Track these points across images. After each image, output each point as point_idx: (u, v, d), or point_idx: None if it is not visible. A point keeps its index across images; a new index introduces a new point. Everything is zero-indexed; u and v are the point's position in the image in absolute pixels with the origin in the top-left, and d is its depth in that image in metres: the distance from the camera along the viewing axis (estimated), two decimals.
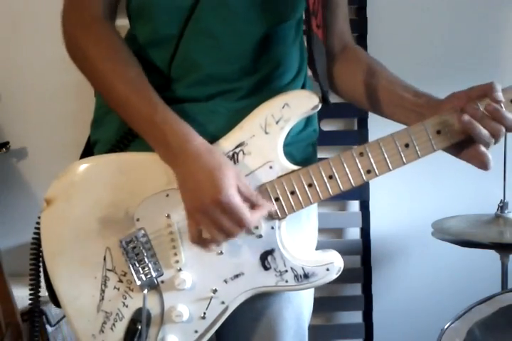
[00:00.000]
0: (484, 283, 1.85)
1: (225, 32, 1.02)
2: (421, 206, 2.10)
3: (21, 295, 1.79)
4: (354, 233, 2.13)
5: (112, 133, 1.07)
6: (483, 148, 0.96)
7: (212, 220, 0.92)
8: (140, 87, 0.98)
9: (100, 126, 1.12)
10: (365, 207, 2.08)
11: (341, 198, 2.10)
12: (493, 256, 1.78)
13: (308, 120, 1.12)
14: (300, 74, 1.11)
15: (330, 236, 2.13)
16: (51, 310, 1.72)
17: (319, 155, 1.95)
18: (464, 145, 0.98)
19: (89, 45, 1.00)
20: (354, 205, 2.11)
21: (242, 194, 0.93)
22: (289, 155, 1.02)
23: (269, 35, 1.05)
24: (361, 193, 2.06)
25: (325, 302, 2.12)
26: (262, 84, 1.05)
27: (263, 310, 1.09)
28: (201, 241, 0.96)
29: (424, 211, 2.03)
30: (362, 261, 2.09)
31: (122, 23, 1.10)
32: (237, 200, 0.92)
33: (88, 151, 1.14)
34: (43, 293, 1.97)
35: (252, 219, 0.93)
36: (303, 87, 1.10)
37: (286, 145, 1.03)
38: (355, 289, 2.11)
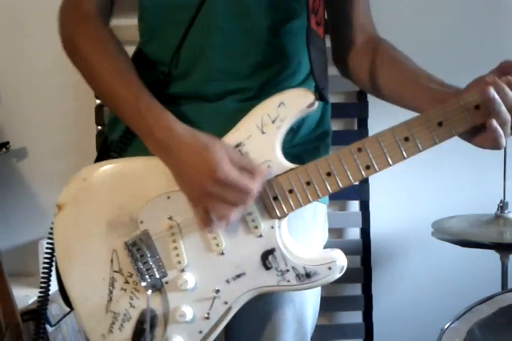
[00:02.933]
0: (484, 283, 1.84)
1: (234, 28, 1.03)
2: (421, 206, 2.10)
3: (21, 295, 1.80)
4: (354, 233, 2.13)
5: (121, 134, 1.09)
6: (495, 124, 0.91)
7: (219, 198, 0.94)
8: (127, 79, 1.00)
9: (113, 126, 1.13)
10: (365, 207, 2.08)
11: (341, 198, 2.11)
12: (493, 256, 1.78)
13: (319, 121, 1.12)
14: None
15: (330, 236, 2.10)
16: (51, 310, 1.72)
17: None
18: (475, 131, 0.95)
19: (79, 40, 1.04)
20: (354, 205, 2.11)
21: (236, 164, 0.94)
22: (297, 156, 1.03)
23: (279, 32, 1.05)
24: (361, 193, 2.06)
25: (325, 302, 2.10)
26: (272, 84, 1.05)
27: (264, 308, 1.09)
28: (213, 224, 0.96)
29: (424, 211, 2.04)
30: (362, 261, 2.09)
31: (121, 23, 1.11)
32: (233, 171, 0.93)
33: (104, 151, 1.15)
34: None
35: (254, 185, 0.94)
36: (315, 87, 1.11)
37: (294, 146, 1.04)
38: (355, 289, 2.11)
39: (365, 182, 2.05)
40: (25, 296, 1.83)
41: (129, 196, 1.02)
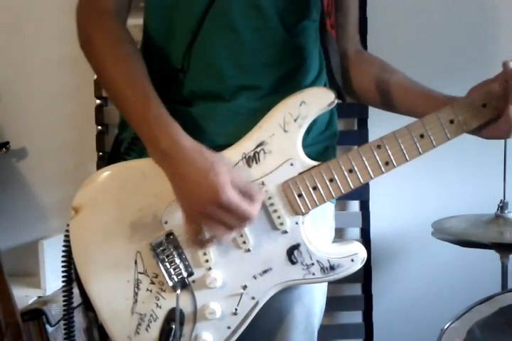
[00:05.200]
0: (484, 283, 1.84)
1: (246, 26, 1.04)
2: (421, 206, 2.10)
3: (21, 295, 1.80)
4: (354, 233, 2.13)
5: (131, 134, 1.09)
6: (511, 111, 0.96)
7: (216, 220, 0.94)
8: (138, 84, 0.99)
9: (124, 126, 1.13)
10: (365, 207, 2.08)
11: (341, 198, 2.10)
12: (493, 256, 1.78)
13: (329, 122, 1.14)
14: (321, 74, 1.12)
15: None
16: (51, 310, 1.72)
17: None
18: (485, 124, 1.00)
19: (95, 38, 1.02)
20: (354, 205, 2.12)
21: (237, 187, 0.94)
22: (307, 156, 1.03)
23: (291, 32, 1.06)
24: (361, 193, 2.06)
25: (325, 302, 2.12)
26: (285, 82, 1.06)
27: (275, 306, 1.10)
28: (199, 242, 0.98)
29: (424, 211, 2.03)
30: None
31: (134, 22, 1.11)
32: (236, 197, 0.93)
33: (115, 151, 1.15)
34: (41, 293, 1.98)
35: (253, 211, 0.95)
36: (334, 86, 1.11)
37: (306, 146, 1.05)
38: (355, 289, 2.11)
39: None
40: (25, 296, 1.83)
41: (152, 196, 1.02)
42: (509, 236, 1.70)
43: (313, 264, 1.02)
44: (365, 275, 2.08)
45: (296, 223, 1.02)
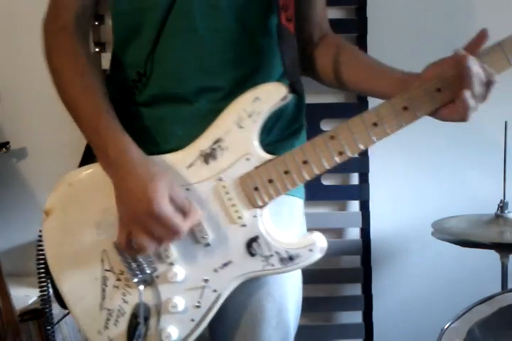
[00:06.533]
0: (484, 283, 1.84)
1: (206, 28, 1.06)
2: (421, 206, 2.09)
3: (21, 295, 1.80)
4: (354, 233, 2.12)
5: None
6: (466, 95, 0.96)
7: (145, 230, 0.98)
8: (91, 97, 1.04)
9: None
10: (365, 207, 2.08)
11: (341, 198, 2.11)
12: (493, 256, 1.78)
13: (294, 118, 1.16)
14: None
15: (330, 236, 2.13)
16: (51, 310, 1.72)
17: None
18: (441, 107, 1.00)
19: (52, 53, 1.09)
20: (354, 205, 2.11)
21: (174, 203, 0.98)
22: (272, 154, 1.05)
23: (253, 32, 1.09)
24: (361, 193, 2.06)
25: (325, 302, 2.12)
26: (247, 82, 1.07)
27: (244, 301, 1.13)
28: (128, 249, 1.02)
29: (424, 211, 2.03)
30: (362, 261, 2.09)
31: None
32: (169, 211, 0.97)
33: (88, 155, 1.17)
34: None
35: (184, 227, 0.99)
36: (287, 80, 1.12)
37: (270, 143, 1.08)
38: (355, 289, 2.11)
39: (365, 182, 2.05)
40: (25, 296, 1.83)
41: (114, 197, 1.04)
42: (509, 236, 1.70)
43: (271, 255, 1.05)
44: (365, 275, 2.08)
45: (254, 216, 1.05)
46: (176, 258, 1.06)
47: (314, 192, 2.05)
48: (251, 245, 1.05)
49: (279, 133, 1.13)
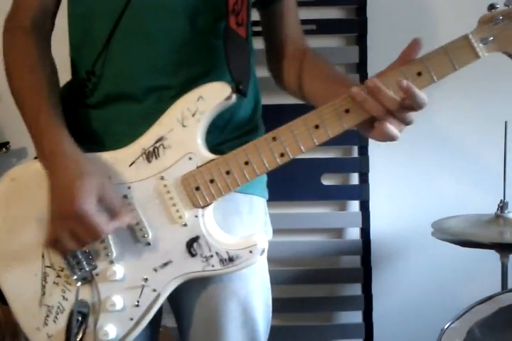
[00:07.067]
0: (484, 283, 1.85)
1: (158, 28, 1.07)
2: (421, 206, 2.10)
3: None
4: (354, 233, 2.13)
5: None
6: (377, 122, 0.96)
7: (67, 229, 0.98)
8: (35, 94, 1.06)
9: None
10: (365, 207, 2.08)
11: (341, 198, 2.11)
12: (493, 256, 1.78)
13: (250, 118, 1.16)
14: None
15: (330, 236, 2.13)
16: None
17: (321, 155, 1.95)
18: (369, 127, 1.00)
19: (6, 50, 1.10)
20: (354, 205, 2.12)
21: (103, 203, 0.98)
22: (222, 153, 1.05)
23: (204, 34, 1.09)
24: (361, 193, 2.06)
25: (325, 302, 2.12)
26: (198, 82, 1.07)
27: (207, 303, 1.13)
28: (54, 247, 1.02)
29: (424, 211, 2.04)
30: (362, 261, 2.09)
31: None
32: (91, 210, 0.97)
33: None
34: None
35: (107, 229, 0.98)
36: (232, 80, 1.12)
37: (222, 143, 1.10)
38: (355, 289, 2.11)
39: (365, 182, 2.05)
40: None
41: None
42: (509, 236, 1.70)
43: (212, 256, 1.05)
44: (365, 275, 2.08)
45: (196, 216, 1.04)
46: (117, 256, 1.06)
47: (314, 192, 2.05)
48: (192, 245, 1.05)
49: (232, 132, 1.13)
